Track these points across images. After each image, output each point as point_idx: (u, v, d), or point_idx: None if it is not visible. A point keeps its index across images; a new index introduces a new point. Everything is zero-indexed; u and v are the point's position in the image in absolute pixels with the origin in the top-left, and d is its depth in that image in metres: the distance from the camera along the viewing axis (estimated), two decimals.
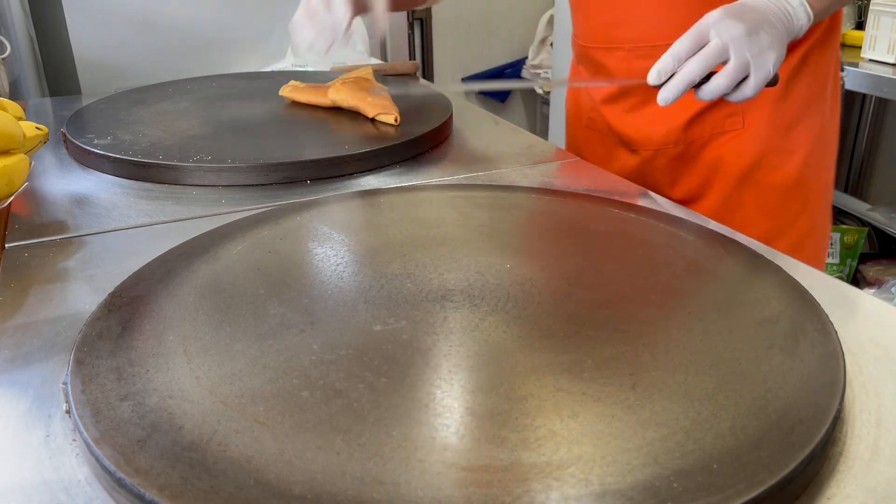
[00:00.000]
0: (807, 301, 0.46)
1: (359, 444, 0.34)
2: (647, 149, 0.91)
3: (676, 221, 0.58)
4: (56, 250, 0.59)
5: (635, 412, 0.36)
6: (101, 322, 0.45)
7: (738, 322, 0.44)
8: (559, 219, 0.59)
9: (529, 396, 0.37)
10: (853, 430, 0.37)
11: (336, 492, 0.31)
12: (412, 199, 0.63)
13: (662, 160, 0.90)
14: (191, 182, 0.72)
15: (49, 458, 0.36)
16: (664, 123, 0.88)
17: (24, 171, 0.62)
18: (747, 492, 0.31)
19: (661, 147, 0.89)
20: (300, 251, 0.55)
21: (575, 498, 0.31)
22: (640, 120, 0.91)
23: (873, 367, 0.42)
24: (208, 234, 0.57)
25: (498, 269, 0.50)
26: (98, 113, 0.90)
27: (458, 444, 0.34)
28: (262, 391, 0.38)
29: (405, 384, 0.38)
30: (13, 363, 0.44)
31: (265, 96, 0.97)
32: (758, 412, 0.36)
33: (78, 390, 0.38)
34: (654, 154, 0.90)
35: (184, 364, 0.40)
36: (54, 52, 1.27)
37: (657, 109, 0.87)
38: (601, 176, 0.75)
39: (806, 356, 0.40)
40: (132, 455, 0.33)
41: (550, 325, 0.43)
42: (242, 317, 0.45)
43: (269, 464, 0.33)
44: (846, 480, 0.34)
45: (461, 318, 0.44)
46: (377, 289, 0.48)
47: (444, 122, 0.86)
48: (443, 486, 0.31)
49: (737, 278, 0.49)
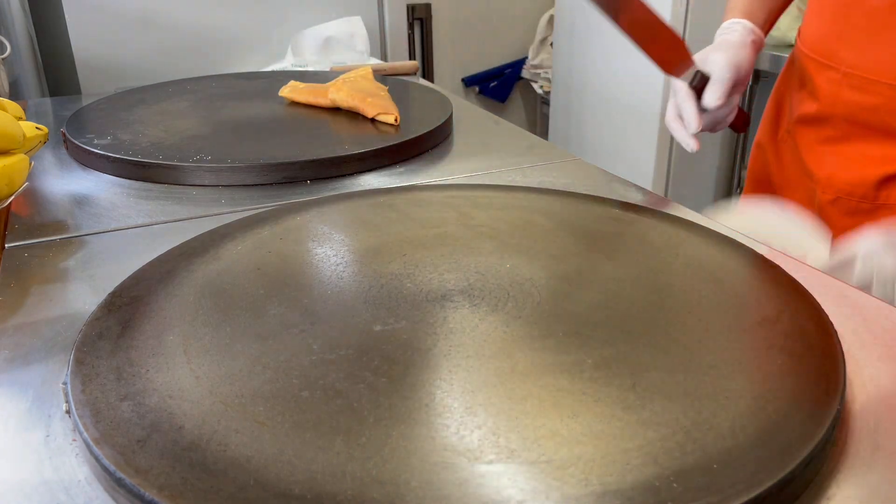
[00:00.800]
0: (807, 301, 0.46)
1: (359, 444, 0.34)
2: (826, 191, 0.81)
3: (677, 221, 0.58)
4: (56, 250, 0.59)
5: (635, 412, 0.36)
6: (101, 322, 0.45)
7: (738, 322, 0.44)
8: (559, 219, 0.59)
9: (529, 396, 0.37)
10: (853, 430, 0.37)
11: (336, 492, 0.31)
12: (412, 199, 0.63)
13: (839, 211, 0.80)
14: (191, 182, 0.72)
15: (49, 458, 0.36)
16: (859, 170, 0.78)
17: (24, 171, 0.62)
18: (747, 492, 0.31)
19: (844, 196, 0.80)
20: (300, 251, 0.55)
21: (575, 498, 0.31)
22: (832, 157, 0.81)
23: (873, 367, 0.42)
24: (208, 234, 0.57)
25: (498, 269, 0.50)
26: (98, 113, 0.90)
27: (457, 444, 0.34)
28: (262, 391, 0.38)
29: (405, 384, 0.38)
30: (13, 363, 0.44)
31: (265, 96, 0.97)
32: (758, 412, 0.36)
33: (78, 390, 0.38)
34: (833, 200, 0.80)
35: (184, 364, 0.40)
36: (54, 52, 1.27)
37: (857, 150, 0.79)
38: (601, 176, 0.75)
39: (806, 356, 0.40)
40: (132, 455, 0.33)
41: (550, 325, 0.43)
42: (242, 317, 0.45)
43: (269, 464, 0.33)
44: (846, 480, 0.34)
45: (461, 318, 0.44)
46: (377, 289, 0.48)
47: (444, 122, 0.86)
48: (443, 485, 0.31)
49: (737, 278, 0.49)
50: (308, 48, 1.30)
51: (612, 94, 2.04)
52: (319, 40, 1.30)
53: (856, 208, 0.79)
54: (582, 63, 2.12)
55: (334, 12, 1.34)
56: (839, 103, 0.79)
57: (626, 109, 2.00)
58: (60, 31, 1.19)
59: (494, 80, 2.79)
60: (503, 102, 2.83)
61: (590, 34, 2.07)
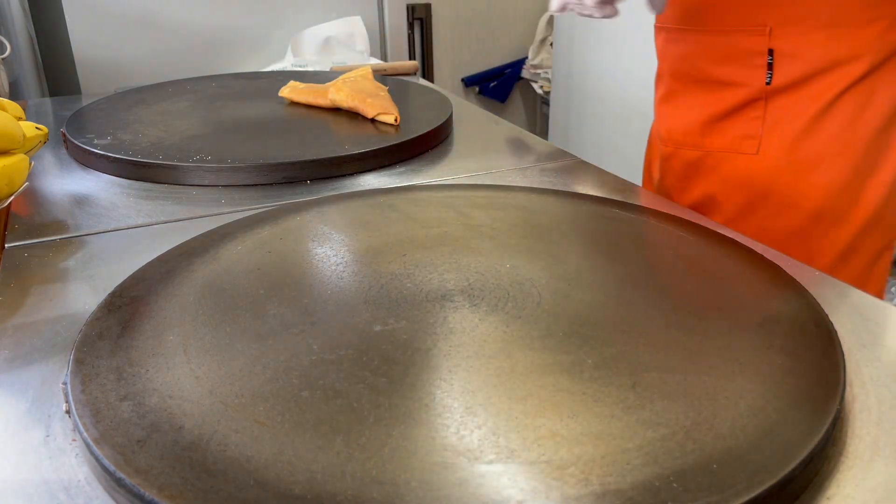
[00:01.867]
0: (807, 301, 0.46)
1: (359, 444, 0.34)
2: (667, 144, 0.89)
3: (677, 221, 0.58)
4: (56, 250, 0.59)
5: (635, 412, 0.36)
6: (101, 322, 0.45)
7: (738, 322, 0.44)
8: (559, 219, 0.59)
9: (529, 396, 0.37)
10: (853, 430, 0.37)
11: (336, 492, 0.31)
12: (412, 199, 0.63)
13: (679, 164, 0.88)
14: (191, 182, 0.72)
15: (49, 458, 0.36)
16: (683, 118, 0.87)
17: (24, 171, 0.62)
18: (747, 492, 0.31)
19: (680, 146, 0.88)
20: (300, 251, 0.55)
21: (575, 498, 0.31)
22: (668, 110, 0.89)
23: (873, 367, 0.42)
24: (208, 234, 0.57)
25: (498, 269, 0.50)
26: (98, 113, 0.90)
27: (458, 444, 0.34)
28: (261, 391, 0.38)
29: (405, 384, 0.38)
30: (13, 363, 0.44)
31: (265, 96, 0.97)
32: (758, 412, 0.36)
33: (78, 390, 0.38)
34: (672, 152, 0.89)
35: (184, 364, 0.40)
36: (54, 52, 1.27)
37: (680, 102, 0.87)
38: (601, 176, 0.75)
39: (806, 356, 0.40)
40: (132, 455, 0.33)
41: (550, 325, 0.43)
42: (242, 317, 0.45)
43: (269, 464, 0.33)
44: (846, 480, 0.34)
45: (461, 318, 0.44)
46: (377, 289, 0.48)
47: (444, 122, 0.86)
48: (443, 485, 0.31)
49: (737, 278, 0.49)
50: (308, 48, 1.30)
51: (612, 94, 2.04)
52: (319, 40, 1.30)
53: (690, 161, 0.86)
54: (582, 63, 2.12)
55: (334, 12, 1.34)
56: (665, 59, 0.88)
57: (626, 109, 2.00)
58: (60, 31, 1.19)
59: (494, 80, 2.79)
60: (503, 102, 2.83)
61: (590, 34, 2.07)
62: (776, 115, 0.80)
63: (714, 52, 0.82)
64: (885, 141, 0.78)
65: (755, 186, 0.81)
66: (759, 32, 0.78)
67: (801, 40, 0.77)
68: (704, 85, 0.84)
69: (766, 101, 0.80)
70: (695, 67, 0.85)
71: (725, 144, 0.83)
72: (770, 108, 0.80)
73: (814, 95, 0.77)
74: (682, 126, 0.87)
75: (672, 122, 0.89)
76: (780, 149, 0.80)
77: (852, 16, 0.74)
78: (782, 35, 0.77)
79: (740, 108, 0.81)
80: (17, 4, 1.19)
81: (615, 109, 2.05)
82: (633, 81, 1.93)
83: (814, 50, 0.76)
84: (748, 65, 0.80)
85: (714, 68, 0.83)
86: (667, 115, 0.90)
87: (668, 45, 0.87)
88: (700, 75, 0.84)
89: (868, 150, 0.78)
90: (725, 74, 0.82)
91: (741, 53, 0.80)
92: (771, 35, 0.77)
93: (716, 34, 0.81)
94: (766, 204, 0.81)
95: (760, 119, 0.80)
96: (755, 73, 0.79)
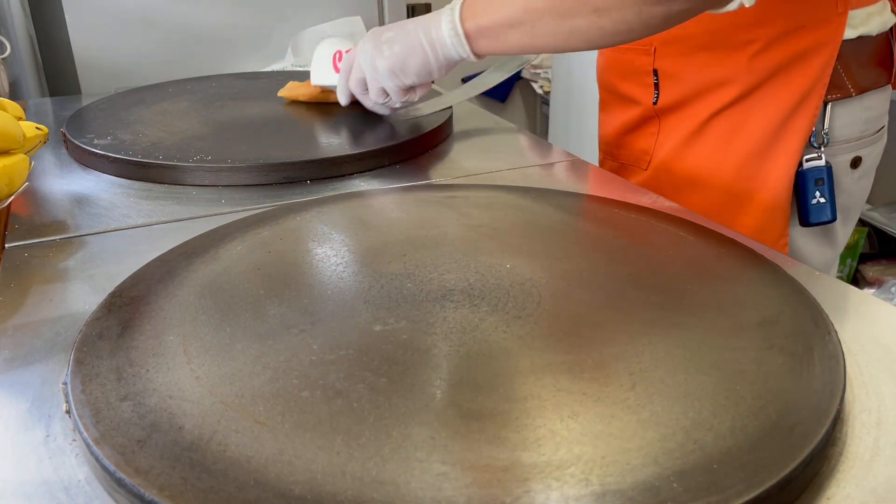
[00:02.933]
0: (807, 301, 0.46)
1: (359, 444, 0.34)
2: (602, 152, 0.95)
3: (676, 221, 0.58)
4: (56, 250, 0.59)
5: (635, 412, 0.36)
6: (101, 322, 0.45)
7: (738, 322, 0.44)
8: (559, 219, 0.59)
9: (529, 396, 0.37)
10: (853, 430, 0.37)
11: (336, 492, 0.31)
12: (412, 199, 0.63)
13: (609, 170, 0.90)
14: (191, 182, 0.72)
15: (49, 458, 0.36)
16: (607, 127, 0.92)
17: (24, 171, 0.62)
18: (747, 492, 0.31)
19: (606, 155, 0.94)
20: (300, 251, 0.55)
21: (575, 498, 0.31)
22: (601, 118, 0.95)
23: (873, 367, 0.42)
24: (208, 234, 0.57)
25: (498, 269, 0.50)
26: (98, 113, 0.90)
27: (458, 444, 0.34)
28: (262, 391, 0.38)
29: (405, 384, 0.38)
30: (13, 363, 0.44)
31: (265, 96, 0.97)
32: (758, 412, 0.36)
33: (78, 390, 0.38)
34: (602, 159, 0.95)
35: (184, 364, 0.40)
36: (54, 52, 1.27)
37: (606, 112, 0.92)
38: (601, 176, 0.75)
39: (806, 356, 0.40)
40: (132, 455, 0.33)
41: (550, 325, 0.43)
42: (242, 317, 0.45)
43: (269, 464, 0.33)
44: (846, 480, 0.34)
45: (461, 318, 0.44)
46: (377, 289, 0.48)
47: (444, 122, 0.86)
48: (443, 486, 0.31)
49: (737, 278, 0.49)
50: (308, 48, 1.30)
51: None
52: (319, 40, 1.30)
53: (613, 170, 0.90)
54: (582, 63, 2.12)
55: (334, 12, 1.34)
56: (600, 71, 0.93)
57: None
58: (60, 31, 1.19)
59: None
60: (503, 102, 2.83)
61: None
62: (665, 133, 0.83)
63: (618, 68, 0.87)
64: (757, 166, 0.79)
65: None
66: (645, 52, 0.82)
67: (681, 62, 0.80)
68: (615, 98, 0.89)
69: (658, 119, 0.84)
70: (607, 80, 0.90)
71: (631, 157, 0.88)
72: (662, 126, 0.83)
73: (690, 117, 0.81)
74: (606, 135, 0.93)
75: (602, 131, 0.94)
76: (663, 168, 0.84)
77: (726, 38, 0.76)
78: (665, 55, 0.80)
79: (641, 124, 0.86)
80: (17, 4, 1.19)
81: None
82: None
83: (692, 72, 0.79)
84: (641, 83, 0.84)
85: (619, 83, 0.87)
86: (600, 123, 0.94)
87: (598, 57, 0.92)
88: (612, 88, 0.89)
89: (740, 175, 0.79)
90: (627, 90, 0.86)
91: (636, 72, 0.84)
92: (655, 55, 0.81)
93: (616, 51, 0.86)
94: None
95: (654, 136, 0.85)
96: (646, 92, 0.83)
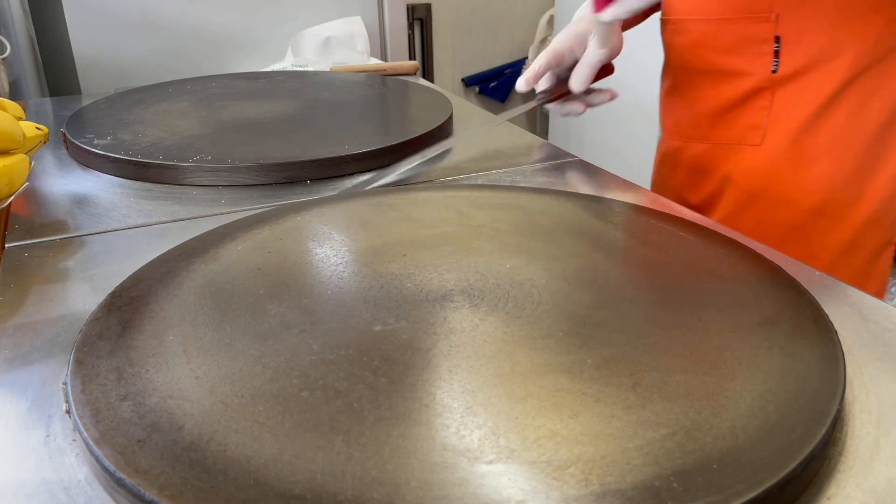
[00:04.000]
0: (807, 301, 0.46)
1: (359, 444, 0.34)
2: (673, 137, 0.88)
3: (676, 221, 0.58)
4: (56, 250, 0.59)
5: (635, 412, 0.36)
6: (101, 322, 0.45)
7: (738, 322, 0.44)
8: (559, 219, 0.59)
9: (529, 396, 0.37)
10: (853, 430, 0.37)
11: (336, 492, 0.31)
12: (412, 199, 0.63)
13: (687, 158, 0.87)
14: (191, 182, 0.72)
15: (49, 458, 0.36)
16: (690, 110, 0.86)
17: (24, 171, 0.62)
18: (747, 492, 0.31)
19: (688, 139, 0.87)
20: (300, 251, 0.55)
21: (575, 498, 0.31)
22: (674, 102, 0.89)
23: (873, 367, 0.42)
24: (208, 234, 0.57)
25: (498, 269, 0.50)
26: (98, 113, 0.90)
27: (458, 444, 0.34)
28: (262, 391, 0.38)
29: (405, 384, 0.38)
30: (13, 363, 0.44)
31: (265, 96, 0.97)
32: (758, 412, 0.36)
33: (78, 390, 0.38)
34: (680, 146, 0.88)
35: (184, 364, 0.40)
36: (54, 52, 1.27)
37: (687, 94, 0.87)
38: (601, 176, 0.75)
39: (806, 356, 0.40)
40: (132, 455, 0.33)
41: (550, 325, 0.43)
42: (242, 317, 0.45)
43: (269, 464, 0.33)
44: (846, 480, 0.34)
45: (461, 318, 0.44)
46: (377, 289, 0.48)
47: (444, 121, 0.86)
48: (443, 485, 0.31)
49: (737, 278, 0.49)
50: (308, 48, 1.30)
51: None
52: (319, 40, 1.30)
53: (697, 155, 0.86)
54: None
55: (334, 12, 1.34)
56: (672, 51, 0.87)
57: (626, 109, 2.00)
58: (60, 31, 1.19)
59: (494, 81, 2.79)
60: (503, 102, 2.83)
61: None
62: (782, 105, 0.79)
63: (720, 40, 0.81)
64: (888, 136, 0.77)
65: (756, 179, 0.81)
66: (765, 19, 0.77)
67: (807, 27, 0.76)
68: (711, 75, 0.83)
69: (772, 91, 0.79)
70: (701, 58, 0.84)
71: (732, 136, 0.82)
72: (776, 97, 0.79)
73: (818, 86, 0.77)
74: (689, 118, 0.86)
75: (679, 115, 0.88)
76: (784, 140, 0.79)
77: (858, 3, 0.74)
78: (789, 22, 0.76)
79: (747, 98, 0.80)
80: (17, 4, 1.19)
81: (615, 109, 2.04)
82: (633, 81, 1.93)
83: (819, 38, 0.76)
84: (754, 53, 0.79)
85: (720, 58, 0.82)
86: (673, 108, 0.89)
87: (674, 37, 0.86)
88: (706, 66, 0.83)
89: (871, 145, 0.77)
90: (732, 64, 0.81)
91: (747, 41, 0.79)
92: (777, 22, 0.76)
93: (722, 22, 0.80)
94: (766, 197, 0.80)
95: (767, 109, 0.79)
96: (761, 62, 0.78)
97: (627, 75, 1.93)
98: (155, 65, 1.23)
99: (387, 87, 1.05)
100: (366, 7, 1.38)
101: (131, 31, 1.21)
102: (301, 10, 1.32)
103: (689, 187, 0.88)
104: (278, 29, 1.31)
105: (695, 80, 0.86)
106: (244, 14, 1.29)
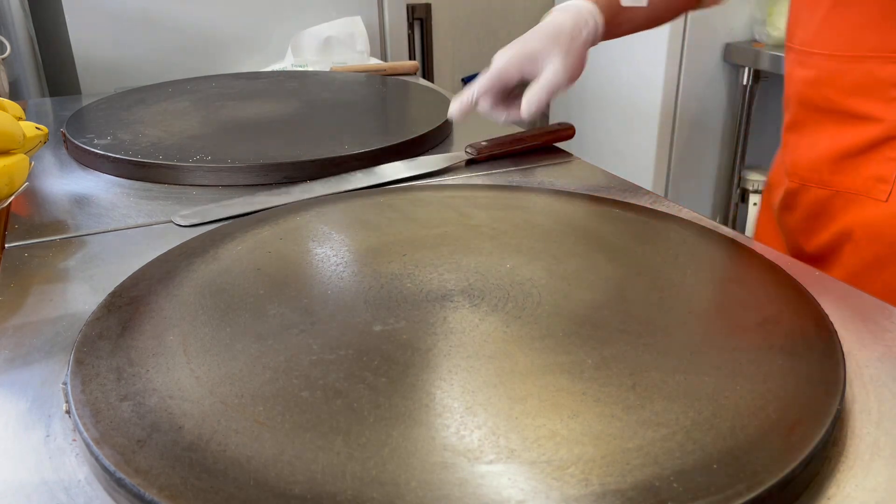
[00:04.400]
0: (807, 301, 0.46)
1: (359, 444, 0.34)
2: (793, 178, 0.80)
3: (677, 221, 0.58)
4: (56, 250, 0.59)
5: (635, 412, 0.36)
6: (101, 322, 0.45)
7: (738, 322, 0.44)
8: (559, 219, 0.59)
9: (529, 396, 0.37)
10: (853, 430, 0.37)
11: (336, 492, 0.31)
12: (412, 199, 0.63)
13: (805, 202, 0.79)
14: (191, 182, 0.72)
15: (49, 458, 0.36)
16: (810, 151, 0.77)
17: (24, 171, 0.61)
18: (747, 492, 0.31)
19: (806, 182, 0.78)
20: (300, 251, 0.55)
21: (575, 498, 0.31)
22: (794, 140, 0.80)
23: (873, 367, 0.42)
24: (208, 234, 0.57)
25: (498, 269, 0.50)
26: (98, 113, 0.90)
27: (457, 444, 0.34)
28: (262, 391, 0.38)
29: (405, 384, 0.38)
30: (13, 363, 0.44)
31: (265, 96, 0.97)
32: (758, 412, 0.36)
33: (78, 390, 0.38)
34: (798, 187, 0.79)
35: (184, 364, 0.40)
36: (54, 52, 1.27)
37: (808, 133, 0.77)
38: (601, 176, 0.75)
39: (806, 356, 0.40)
40: (132, 455, 0.33)
41: (550, 325, 0.43)
42: (242, 317, 0.45)
43: (269, 464, 0.33)
44: (846, 480, 0.34)
45: (461, 318, 0.44)
46: (377, 289, 0.48)
47: (444, 121, 0.86)
48: (443, 485, 0.31)
49: (737, 278, 0.49)
50: (308, 48, 1.30)
51: (611, 94, 2.04)
52: (319, 40, 1.30)
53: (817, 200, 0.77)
54: None
55: (334, 12, 1.34)
56: (792, 83, 0.79)
57: (626, 109, 2.00)
58: (60, 31, 1.19)
59: None
60: None
61: None
62: None
63: (845, 80, 0.72)
64: None
65: (885, 238, 0.71)
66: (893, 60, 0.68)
67: None
68: (834, 116, 0.74)
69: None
70: (823, 96, 0.75)
71: (856, 185, 0.73)
72: None
73: None
74: (809, 160, 0.77)
75: (798, 155, 0.79)
76: None
77: None
78: None
79: (874, 146, 0.71)
80: (17, 4, 1.19)
81: (615, 110, 2.05)
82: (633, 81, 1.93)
83: None
84: (883, 97, 0.70)
85: (844, 99, 0.73)
86: (793, 146, 0.80)
87: (795, 68, 0.78)
88: (828, 105, 0.74)
89: None
90: (857, 106, 0.72)
91: (876, 84, 0.70)
92: None
93: (847, 60, 0.71)
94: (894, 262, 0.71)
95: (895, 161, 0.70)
96: (891, 108, 0.70)
97: (627, 76, 1.94)
98: (155, 65, 1.23)
99: (387, 87, 1.05)
100: (366, 7, 1.38)
101: (131, 31, 1.21)
102: (301, 10, 1.32)
103: (805, 234, 0.80)
104: (278, 29, 1.31)
105: (815, 119, 0.77)
106: (244, 14, 1.29)
